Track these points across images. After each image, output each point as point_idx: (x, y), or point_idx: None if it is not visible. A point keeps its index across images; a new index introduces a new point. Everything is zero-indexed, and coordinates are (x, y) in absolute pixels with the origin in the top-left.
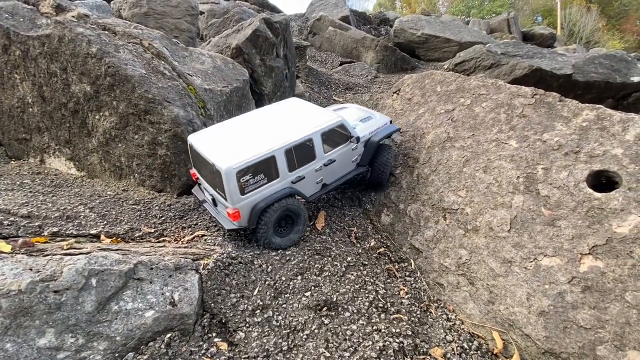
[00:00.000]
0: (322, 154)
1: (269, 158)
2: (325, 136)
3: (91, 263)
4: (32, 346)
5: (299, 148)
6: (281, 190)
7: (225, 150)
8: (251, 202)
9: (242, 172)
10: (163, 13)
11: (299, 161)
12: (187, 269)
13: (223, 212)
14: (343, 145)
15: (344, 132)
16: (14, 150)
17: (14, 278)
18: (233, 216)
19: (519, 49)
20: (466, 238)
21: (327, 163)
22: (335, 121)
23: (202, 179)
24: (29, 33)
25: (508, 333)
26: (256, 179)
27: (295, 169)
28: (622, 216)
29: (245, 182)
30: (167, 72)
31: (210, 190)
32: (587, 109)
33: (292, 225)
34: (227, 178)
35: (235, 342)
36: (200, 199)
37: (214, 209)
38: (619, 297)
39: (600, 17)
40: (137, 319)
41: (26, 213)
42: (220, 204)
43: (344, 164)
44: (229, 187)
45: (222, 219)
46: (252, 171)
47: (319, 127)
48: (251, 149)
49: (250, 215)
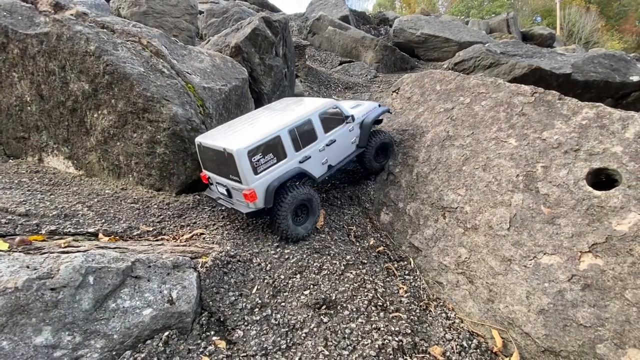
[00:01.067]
0: (323, 135)
1: (275, 138)
2: (322, 117)
3: (88, 261)
4: (29, 344)
5: (300, 129)
6: (291, 170)
7: (233, 138)
8: (265, 182)
9: (252, 151)
10: (162, 12)
11: (303, 141)
12: (185, 267)
13: (240, 199)
14: (340, 127)
15: (338, 113)
16: (12, 149)
17: (11, 275)
18: (250, 196)
19: (519, 48)
20: (465, 236)
21: (329, 143)
22: (329, 103)
23: (214, 176)
24: (27, 31)
25: (507, 331)
26: (266, 158)
27: (301, 148)
28: (621, 214)
29: (256, 161)
30: (165, 71)
31: (224, 182)
32: (586, 107)
33: (307, 214)
34: (239, 158)
35: (234, 341)
36: (214, 197)
37: (230, 201)
38: (618, 295)
39: (599, 17)
40: (134, 317)
41: (24, 211)
42: (235, 192)
43: (344, 144)
44: (242, 167)
45: (239, 206)
46: (261, 151)
47: (315, 109)
48: (257, 132)
49: (266, 195)
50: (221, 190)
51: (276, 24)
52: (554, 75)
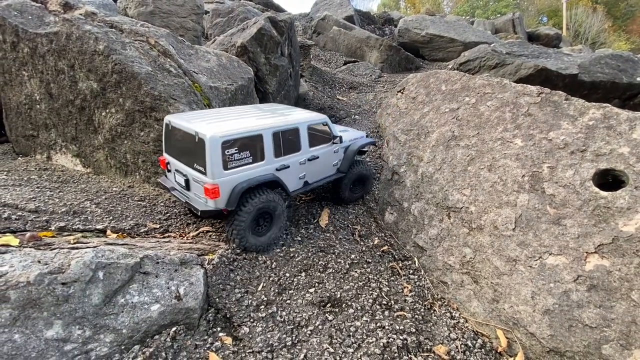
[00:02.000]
0: (307, 148)
1: (257, 136)
2: (310, 130)
3: (98, 256)
4: (40, 337)
5: (286, 135)
6: (265, 175)
7: (211, 124)
8: (233, 181)
9: (228, 143)
10: (169, 12)
11: (285, 148)
12: (192, 264)
13: (198, 193)
14: (326, 145)
15: (327, 131)
16: (21, 147)
17: (23, 270)
18: (212, 192)
19: (524, 48)
20: (470, 236)
21: (311, 158)
22: (321, 118)
23: (175, 162)
24: (37, 30)
25: (512, 331)
26: (241, 155)
27: (281, 155)
28: (628, 215)
29: (230, 155)
30: (173, 70)
31: (185, 171)
32: (593, 108)
33: (269, 225)
34: (211, 146)
35: (240, 337)
36: (168, 186)
37: (185, 194)
38: (624, 295)
39: (606, 18)
40: (143, 312)
41: (34, 208)
42: (195, 185)
43: (325, 164)
44: (211, 157)
45: (195, 202)
46: (238, 145)
47: (305, 119)
48: (240, 124)
49: (231, 195)
50: (179, 180)
51: (282, 23)
52: (560, 76)
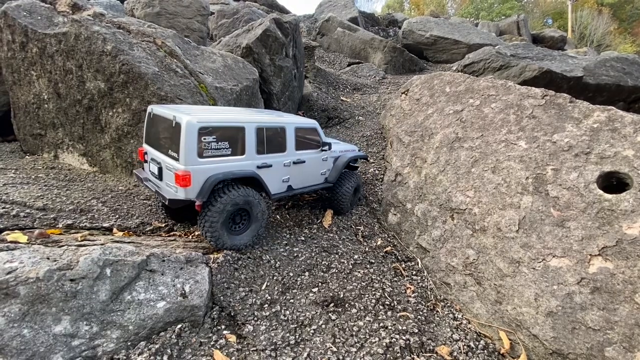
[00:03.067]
0: (293, 150)
1: (239, 128)
2: (297, 133)
3: (106, 253)
4: (49, 332)
5: (270, 132)
6: (244, 171)
7: (192, 112)
8: (207, 170)
9: (205, 130)
10: (175, 13)
11: (268, 146)
12: (197, 262)
13: (170, 181)
14: (314, 151)
15: (315, 138)
16: (28, 145)
17: (32, 266)
18: (182, 179)
19: (529, 51)
20: (474, 238)
21: (297, 161)
22: (310, 123)
23: (151, 150)
24: (46, 31)
25: (515, 333)
26: (219, 145)
27: (264, 153)
28: (632, 218)
29: (206, 142)
30: (179, 70)
31: (159, 158)
32: (598, 111)
33: (247, 223)
34: (186, 131)
35: (244, 335)
36: (142, 177)
37: (157, 184)
38: (628, 298)
39: (611, 20)
40: (149, 309)
41: (41, 206)
42: (167, 174)
43: (312, 172)
44: (186, 142)
45: (165, 191)
46: (217, 134)
47: (293, 121)
48: (223, 115)
49: (203, 186)
50: (152, 169)
51: (287, 25)
52: (565, 79)
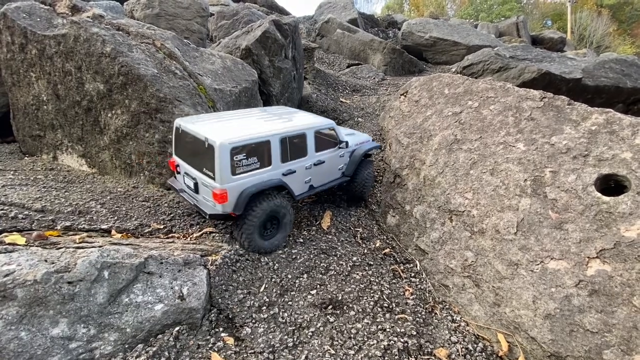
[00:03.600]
0: (314, 153)
1: (265, 142)
2: (317, 135)
3: (104, 256)
4: (46, 335)
5: (293, 140)
6: (272, 180)
7: (220, 129)
8: (240, 186)
9: (236, 149)
10: (174, 14)
11: (291, 154)
12: (195, 265)
13: (207, 196)
14: (332, 150)
15: (333, 136)
16: (27, 147)
17: (30, 269)
18: (220, 197)
19: (528, 52)
20: (472, 240)
21: (317, 163)
22: (328, 123)
23: (185, 165)
24: (46, 32)
25: (513, 336)
26: (249, 161)
27: (288, 160)
28: (630, 220)
29: (238, 161)
30: (178, 72)
31: (194, 174)
32: (596, 113)
33: (276, 229)
34: (220, 153)
35: (242, 337)
36: (177, 188)
37: (194, 196)
38: (626, 301)
39: (611, 21)
40: (146, 312)
41: (40, 207)
42: (203, 189)
43: (331, 169)
44: (220, 163)
45: (204, 205)
46: (246, 151)
47: (313, 125)
48: (248, 130)
49: (238, 200)
50: (188, 183)
51: (286, 27)
52: (564, 80)
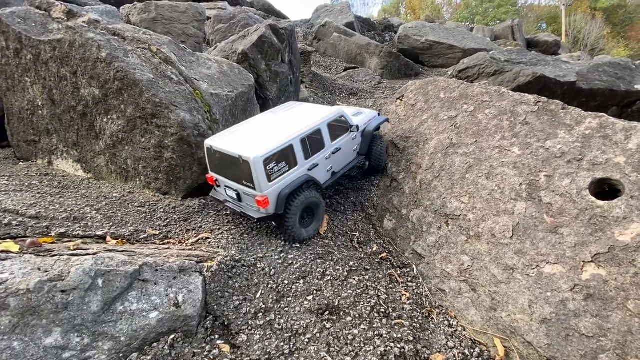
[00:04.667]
0: (330, 143)
1: (288, 147)
2: (330, 126)
3: (98, 264)
4: (39, 345)
5: (311, 137)
6: (301, 177)
7: (248, 144)
8: (277, 189)
9: (267, 160)
10: (171, 19)
11: (312, 149)
12: (191, 271)
13: (251, 204)
14: (345, 135)
15: (344, 122)
16: (22, 152)
17: (23, 277)
18: (263, 203)
19: (523, 56)
20: (468, 244)
21: (335, 151)
22: (337, 112)
23: (223, 180)
24: (41, 37)
25: (510, 340)
26: (279, 166)
27: (310, 156)
28: (624, 224)
29: (270, 169)
30: (174, 77)
31: (235, 187)
32: (589, 117)
33: (312, 218)
34: (255, 166)
35: (238, 345)
36: (221, 199)
37: (239, 205)
38: (621, 305)
39: (605, 24)
40: (141, 320)
41: (34, 214)
42: (246, 197)
43: (347, 152)
44: (257, 175)
45: (250, 211)
46: (275, 159)
47: (325, 118)
48: (271, 139)
49: (277, 201)
50: (230, 194)
51: (283, 31)
52: (559, 84)
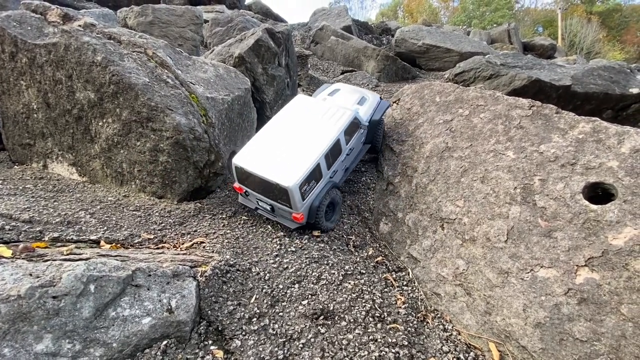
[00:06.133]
0: (346, 147)
1: (316, 167)
2: (346, 131)
3: (90, 269)
4: (30, 351)
5: (332, 149)
6: (326, 186)
7: (281, 168)
8: (309, 203)
9: (302, 184)
10: (168, 22)
11: (332, 159)
12: (185, 276)
13: (286, 216)
14: (357, 134)
15: (357, 124)
16: (17, 155)
17: (14, 283)
18: (300, 218)
19: (518, 60)
20: (463, 248)
21: (349, 152)
22: (351, 116)
23: (254, 192)
24: (36, 41)
25: (504, 344)
26: (310, 185)
27: (331, 165)
28: (617, 228)
29: (304, 191)
30: (170, 81)
31: (268, 202)
32: (583, 122)
33: (332, 211)
34: (292, 193)
35: (232, 350)
36: (252, 207)
37: (273, 214)
38: (614, 309)
39: (600, 28)
40: (134, 326)
41: (28, 218)
42: (281, 212)
43: (357, 148)
44: (294, 199)
45: (285, 222)
46: (307, 181)
47: (341, 127)
48: (301, 162)
49: (310, 213)
50: (264, 206)
51: (279, 35)
52: (554, 87)
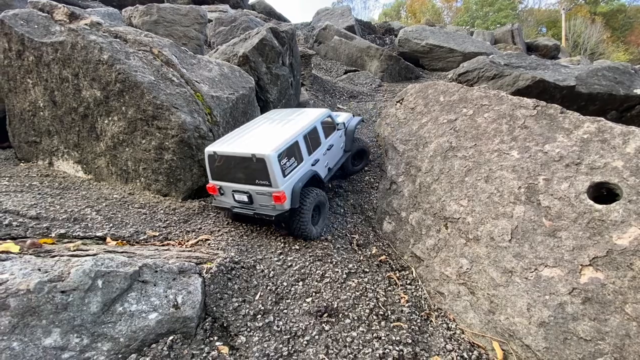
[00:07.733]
0: (324, 140)
1: (294, 143)
2: (322, 126)
3: (98, 265)
4: (38, 345)
5: (310, 135)
6: (308, 172)
7: (256, 144)
8: (291, 184)
9: (281, 155)
10: (172, 21)
11: (312, 146)
12: (190, 273)
13: (265, 203)
14: (334, 133)
15: (331, 122)
16: (23, 153)
17: (23, 278)
18: (280, 198)
19: (522, 60)
20: (467, 247)
21: (329, 148)
22: (325, 112)
23: (230, 185)
24: (43, 39)
25: (508, 343)
26: (290, 161)
27: (312, 152)
28: (622, 228)
29: (284, 165)
30: (175, 79)
31: (245, 189)
32: (588, 121)
33: (319, 216)
34: (270, 162)
35: (237, 346)
36: (227, 207)
37: (250, 207)
38: (619, 309)
39: (604, 28)
40: (140, 321)
41: (34, 214)
42: (259, 198)
43: (337, 149)
44: (273, 170)
45: (265, 210)
46: (286, 154)
47: (318, 117)
48: (278, 137)
49: (293, 196)
50: (240, 198)
51: (283, 34)
52: (558, 88)
